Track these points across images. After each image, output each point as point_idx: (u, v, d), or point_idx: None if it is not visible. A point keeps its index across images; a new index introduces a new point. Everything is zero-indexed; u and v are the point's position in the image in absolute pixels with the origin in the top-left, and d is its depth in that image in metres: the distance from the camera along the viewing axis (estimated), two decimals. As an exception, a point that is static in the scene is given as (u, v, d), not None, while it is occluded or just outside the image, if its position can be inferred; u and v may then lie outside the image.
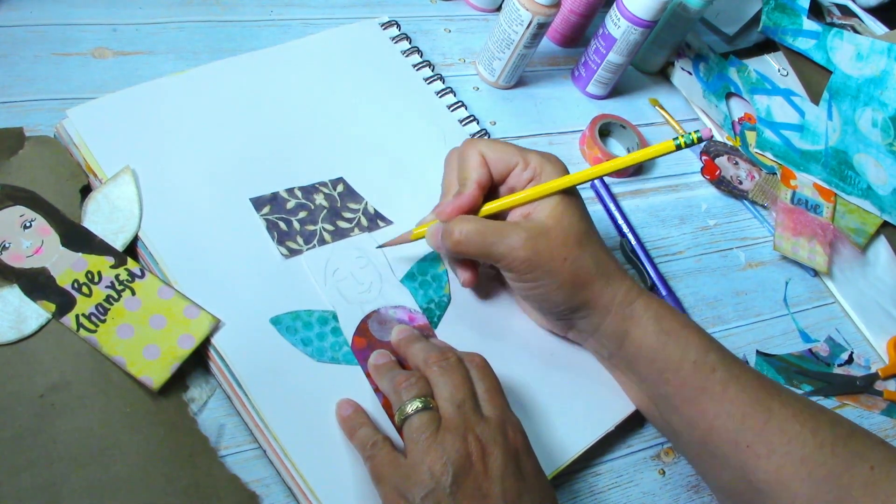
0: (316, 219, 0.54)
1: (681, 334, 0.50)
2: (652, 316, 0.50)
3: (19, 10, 0.58)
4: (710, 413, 0.49)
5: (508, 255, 0.48)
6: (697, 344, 0.50)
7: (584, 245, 0.49)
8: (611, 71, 0.72)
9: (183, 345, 0.46)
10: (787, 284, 0.70)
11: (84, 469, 0.42)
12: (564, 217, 0.49)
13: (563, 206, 0.49)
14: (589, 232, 0.50)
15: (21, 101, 0.54)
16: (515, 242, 0.47)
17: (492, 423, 0.43)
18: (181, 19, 0.63)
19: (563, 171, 0.50)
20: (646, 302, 0.51)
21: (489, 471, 0.41)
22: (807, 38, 0.84)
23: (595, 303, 0.50)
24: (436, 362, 0.45)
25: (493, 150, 0.50)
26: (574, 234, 0.49)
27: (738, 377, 0.49)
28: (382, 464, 0.43)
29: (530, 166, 0.50)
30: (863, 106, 0.81)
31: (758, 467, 0.47)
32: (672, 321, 0.51)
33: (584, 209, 0.51)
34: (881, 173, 0.78)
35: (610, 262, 0.51)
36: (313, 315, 0.50)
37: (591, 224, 0.51)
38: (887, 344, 0.69)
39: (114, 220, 0.49)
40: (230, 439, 0.46)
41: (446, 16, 0.74)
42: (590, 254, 0.49)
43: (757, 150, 0.77)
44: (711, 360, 0.49)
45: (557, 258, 0.48)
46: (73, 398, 0.43)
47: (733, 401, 0.48)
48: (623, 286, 0.51)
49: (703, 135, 0.46)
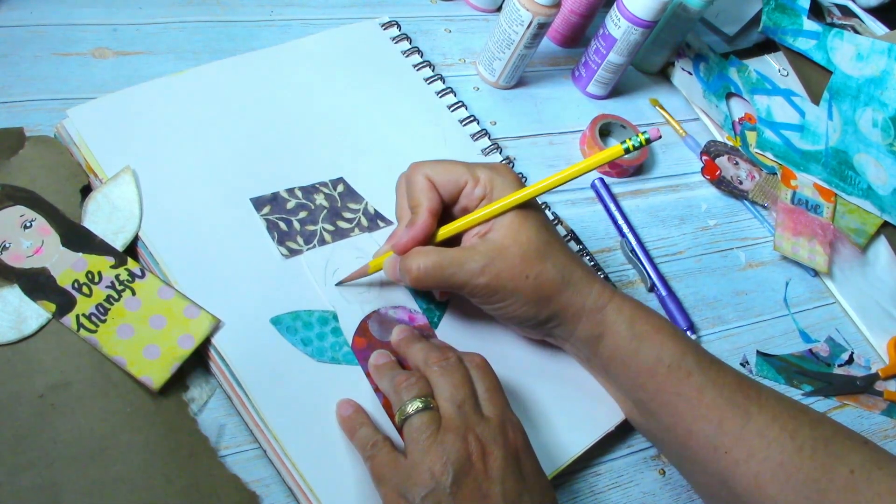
0: (316, 219, 0.54)
1: (654, 338, 0.49)
2: (625, 320, 0.50)
3: (19, 10, 0.58)
4: (687, 418, 0.48)
5: (469, 282, 0.47)
6: (672, 348, 0.49)
7: (545, 257, 0.48)
8: (611, 71, 0.72)
9: (183, 345, 0.46)
10: (788, 284, 0.70)
11: (84, 469, 0.42)
12: (521, 232, 0.48)
13: (518, 221, 0.48)
14: (550, 242, 0.49)
15: (21, 101, 0.54)
16: (474, 269, 0.47)
17: (492, 423, 0.43)
18: (181, 19, 0.63)
19: (516, 184, 0.49)
20: (618, 306, 0.50)
21: (489, 471, 0.41)
22: (807, 38, 0.84)
23: (565, 312, 0.50)
24: (436, 362, 0.45)
25: (440, 172, 0.49)
26: (534, 249, 0.48)
27: (715, 381, 0.49)
28: (383, 464, 0.43)
29: (480, 183, 0.48)
30: (863, 106, 0.81)
31: (736, 473, 0.47)
32: (645, 324, 0.50)
33: (543, 219, 0.50)
34: (881, 173, 0.78)
35: (576, 269, 0.50)
36: (313, 315, 0.50)
37: (551, 233, 0.50)
38: (887, 344, 0.69)
39: (114, 220, 0.49)
40: (230, 439, 0.46)
41: (446, 16, 0.74)
42: (552, 264, 0.48)
43: (757, 151, 0.77)
44: (687, 364, 0.49)
45: (519, 276, 0.47)
46: (73, 398, 0.43)
47: (710, 405, 0.48)
48: (592, 291, 0.50)
49: (650, 136, 0.45)
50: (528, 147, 0.68)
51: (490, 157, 0.63)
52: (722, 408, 0.48)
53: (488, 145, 0.64)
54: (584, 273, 0.50)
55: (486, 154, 0.63)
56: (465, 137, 0.64)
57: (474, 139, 0.64)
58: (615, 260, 0.65)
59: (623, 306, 0.50)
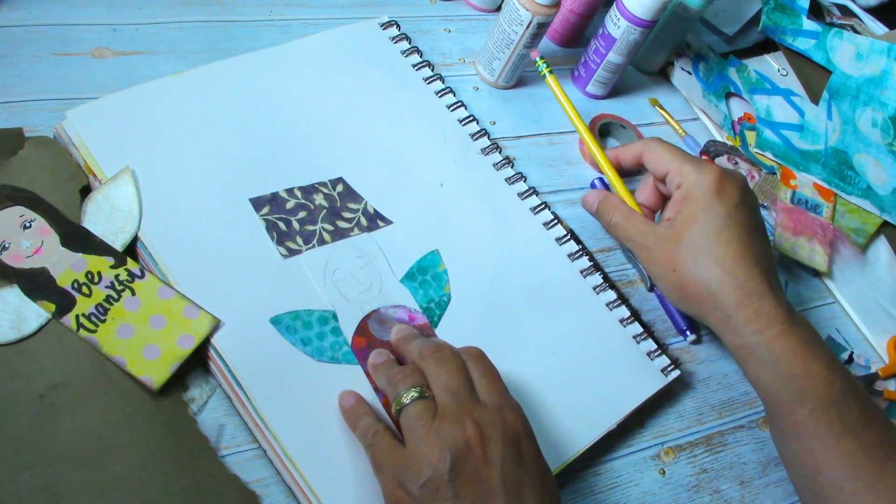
0: (315, 219, 0.54)
1: (801, 384, 0.48)
2: (771, 360, 0.49)
3: (19, 10, 0.58)
4: (818, 457, 0.48)
5: (635, 252, 0.57)
6: (819, 397, 0.48)
7: (700, 259, 0.50)
8: (610, 71, 0.72)
9: (183, 345, 0.46)
10: (787, 284, 0.70)
11: (84, 469, 0.42)
12: (694, 226, 0.51)
13: (700, 209, 0.51)
14: (716, 245, 0.50)
15: (21, 101, 0.54)
16: (641, 244, 0.55)
17: (490, 408, 0.43)
18: (181, 19, 0.63)
19: (704, 191, 0.53)
20: (768, 343, 0.49)
21: (488, 456, 0.41)
22: (807, 38, 0.84)
23: (708, 319, 0.52)
24: (430, 354, 0.45)
25: (651, 160, 0.57)
26: (693, 247, 0.51)
27: (857, 433, 0.48)
28: (382, 452, 0.43)
29: (673, 175, 0.55)
30: (863, 106, 0.81)
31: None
32: (794, 366, 0.49)
33: (728, 219, 0.51)
34: (881, 173, 0.78)
35: (728, 281, 0.50)
36: (313, 315, 0.50)
37: (729, 238, 0.50)
38: (887, 344, 0.69)
39: (113, 220, 0.49)
40: (230, 439, 0.46)
41: (446, 16, 0.74)
42: (706, 269, 0.50)
43: (757, 150, 0.77)
44: (831, 414, 0.48)
45: (666, 267, 0.53)
46: (73, 398, 0.43)
47: (845, 452, 0.47)
48: (739, 315, 0.50)
49: None
50: (527, 147, 0.68)
51: (489, 157, 0.63)
52: (858, 458, 0.47)
53: (488, 145, 0.64)
54: (741, 295, 0.50)
55: (485, 154, 0.63)
56: (464, 137, 0.64)
57: (474, 139, 0.64)
58: (615, 260, 0.65)
59: (773, 345, 0.49)
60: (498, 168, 0.63)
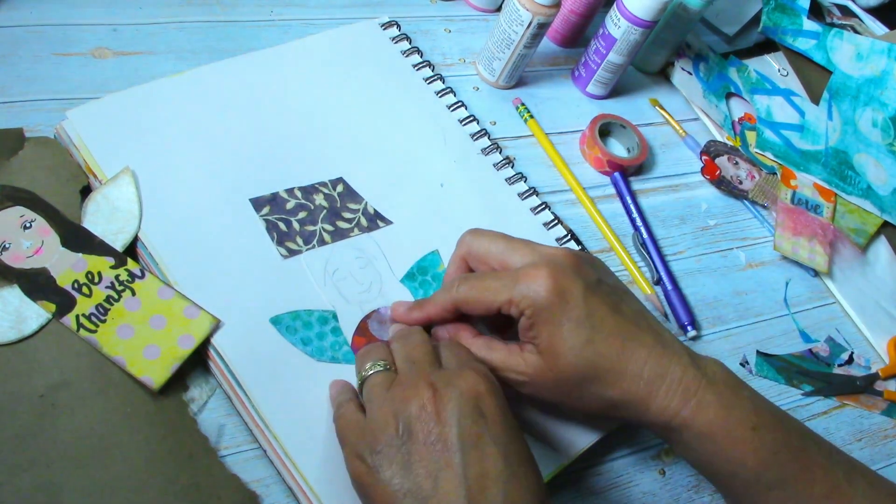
0: (316, 219, 0.54)
1: (731, 454, 0.44)
2: (694, 436, 0.45)
3: (19, 10, 0.58)
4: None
5: (514, 386, 0.47)
6: (752, 463, 0.44)
7: (586, 382, 0.45)
8: (611, 71, 0.72)
9: (183, 345, 0.46)
10: (788, 284, 0.70)
11: (84, 469, 0.42)
12: (563, 345, 0.45)
13: (556, 333, 0.44)
14: (595, 351, 0.45)
15: (21, 101, 0.54)
16: (517, 381, 0.47)
17: (448, 371, 0.42)
18: (181, 19, 0.63)
19: (562, 307, 0.44)
20: (685, 422, 0.44)
21: (442, 415, 0.39)
22: (807, 38, 0.84)
23: (626, 417, 0.47)
24: (398, 332, 0.46)
25: (474, 288, 0.47)
26: (572, 376, 0.45)
27: (800, 493, 0.44)
28: (344, 424, 0.42)
29: (515, 305, 0.45)
30: (863, 106, 0.81)
31: None
32: (723, 438, 0.44)
33: (590, 316, 0.45)
34: (881, 173, 0.78)
35: (629, 386, 0.45)
36: (313, 315, 0.50)
37: (603, 332, 0.45)
38: (887, 344, 0.69)
39: (114, 220, 0.49)
40: (230, 439, 0.46)
41: (446, 16, 0.74)
42: (598, 388, 0.45)
43: (757, 150, 0.77)
44: (767, 479, 0.44)
45: (558, 398, 0.47)
46: (73, 398, 0.43)
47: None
48: (650, 410, 0.45)
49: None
50: (527, 147, 0.68)
51: (490, 158, 0.63)
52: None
53: (488, 145, 0.64)
54: (637, 391, 0.45)
55: (486, 154, 0.63)
56: (464, 137, 0.64)
57: (474, 139, 0.64)
58: (615, 260, 0.65)
59: (694, 421, 0.44)
60: (498, 168, 0.63)
